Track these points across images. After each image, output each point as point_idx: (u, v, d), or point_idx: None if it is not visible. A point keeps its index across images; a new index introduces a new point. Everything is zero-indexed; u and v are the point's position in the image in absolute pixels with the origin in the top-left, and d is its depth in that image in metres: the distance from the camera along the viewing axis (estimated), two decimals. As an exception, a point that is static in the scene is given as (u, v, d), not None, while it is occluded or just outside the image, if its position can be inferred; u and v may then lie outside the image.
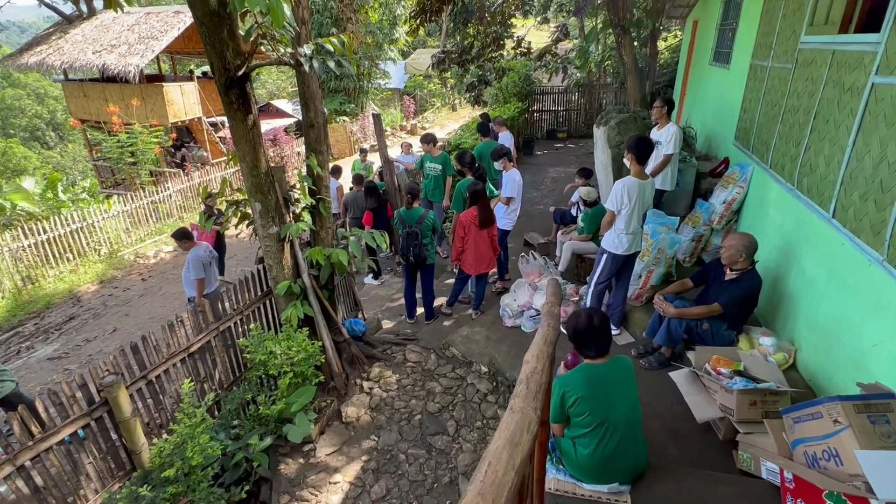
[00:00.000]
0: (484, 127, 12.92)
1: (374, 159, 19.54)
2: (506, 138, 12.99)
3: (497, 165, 9.37)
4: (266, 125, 24.36)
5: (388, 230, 11.11)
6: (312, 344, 7.38)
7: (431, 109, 33.51)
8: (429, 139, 11.20)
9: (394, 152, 19.11)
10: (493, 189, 10.14)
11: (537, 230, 11.46)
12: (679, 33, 24.16)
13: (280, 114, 27.84)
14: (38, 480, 5.84)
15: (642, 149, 6.90)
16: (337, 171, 12.32)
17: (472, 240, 8.54)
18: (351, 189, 11.93)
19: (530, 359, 3.81)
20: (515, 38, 17.93)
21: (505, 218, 9.40)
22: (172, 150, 21.10)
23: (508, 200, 9.32)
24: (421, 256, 8.64)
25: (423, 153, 11.74)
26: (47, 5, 22.45)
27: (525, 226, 11.69)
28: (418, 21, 13.69)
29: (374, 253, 11.84)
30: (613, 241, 7.22)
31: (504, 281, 9.65)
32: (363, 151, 14.64)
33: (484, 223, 8.48)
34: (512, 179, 9.26)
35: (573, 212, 10.32)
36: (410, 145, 13.38)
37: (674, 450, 5.86)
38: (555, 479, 5.23)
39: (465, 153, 9.89)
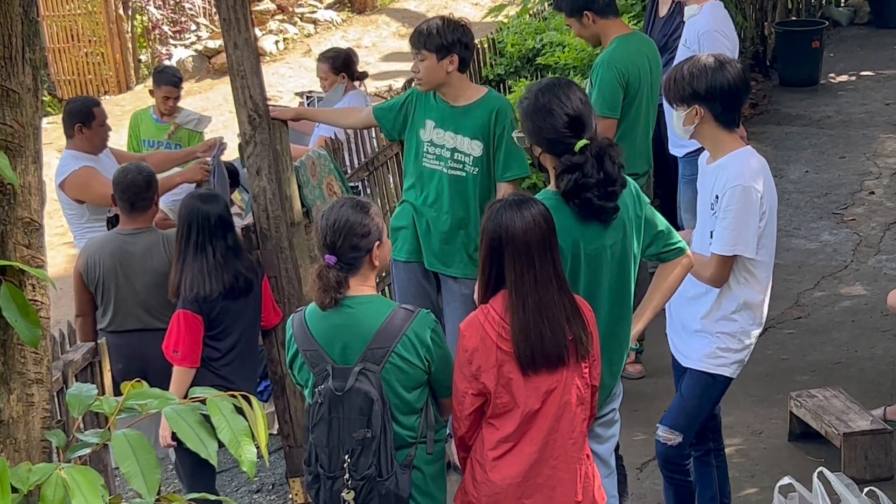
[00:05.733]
0: None
1: (206, 106, 7.81)
2: (703, 22, 4.64)
3: (677, 120, 2.98)
4: None
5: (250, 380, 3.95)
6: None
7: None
8: (436, 37, 3.77)
9: (285, 83, 8.84)
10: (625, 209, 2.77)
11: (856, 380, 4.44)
12: None
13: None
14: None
15: None
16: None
17: (517, 418, 2.51)
18: (111, 219, 4.16)
19: None
20: None
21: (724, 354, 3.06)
22: None
23: (723, 265, 2.93)
24: (389, 496, 2.55)
25: (396, 93, 4.67)
26: None
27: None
28: None
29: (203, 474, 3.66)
30: None
31: None
32: (166, 82, 5.64)
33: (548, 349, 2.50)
34: (737, 191, 2.88)
35: None
36: (356, 76, 5.56)
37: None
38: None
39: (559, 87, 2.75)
